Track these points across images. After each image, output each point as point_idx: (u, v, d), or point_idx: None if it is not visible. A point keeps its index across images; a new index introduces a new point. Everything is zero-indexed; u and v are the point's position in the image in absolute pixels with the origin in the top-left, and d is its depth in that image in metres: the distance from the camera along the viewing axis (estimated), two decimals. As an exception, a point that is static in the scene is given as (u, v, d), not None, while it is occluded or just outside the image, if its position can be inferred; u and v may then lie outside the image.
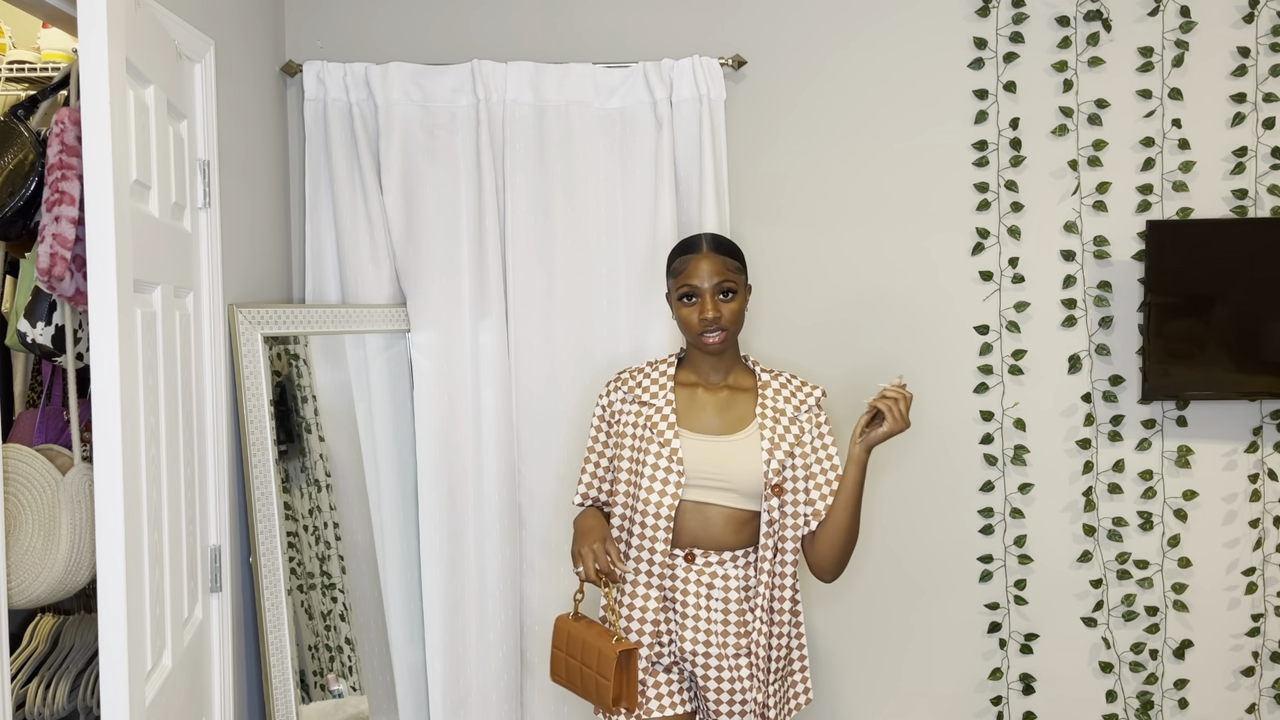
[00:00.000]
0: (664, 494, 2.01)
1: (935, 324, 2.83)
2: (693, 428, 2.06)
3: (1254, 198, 2.77)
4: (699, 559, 2.03)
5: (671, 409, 2.05)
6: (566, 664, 1.99)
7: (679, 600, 2.04)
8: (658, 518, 2.01)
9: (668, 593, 2.04)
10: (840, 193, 2.83)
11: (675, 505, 2.01)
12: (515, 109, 2.70)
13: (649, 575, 2.03)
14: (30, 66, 2.50)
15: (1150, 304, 2.71)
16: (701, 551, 2.04)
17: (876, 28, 2.80)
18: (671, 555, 2.04)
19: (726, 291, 2.03)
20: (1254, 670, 2.84)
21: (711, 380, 2.10)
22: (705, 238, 2.07)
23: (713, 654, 2.03)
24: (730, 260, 2.05)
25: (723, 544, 2.04)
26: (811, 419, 2.09)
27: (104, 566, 1.48)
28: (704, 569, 2.03)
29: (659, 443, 2.03)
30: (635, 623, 2.05)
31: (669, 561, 2.03)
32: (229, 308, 2.32)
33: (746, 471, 2.01)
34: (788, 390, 2.10)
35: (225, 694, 2.15)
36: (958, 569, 2.86)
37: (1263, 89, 2.77)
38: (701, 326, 2.02)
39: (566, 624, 2.01)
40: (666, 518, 2.01)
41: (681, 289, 2.04)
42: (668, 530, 2.01)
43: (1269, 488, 2.82)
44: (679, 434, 2.04)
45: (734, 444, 2.04)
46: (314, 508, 2.55)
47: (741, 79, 2.81)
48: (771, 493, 2.01)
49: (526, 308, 2.72)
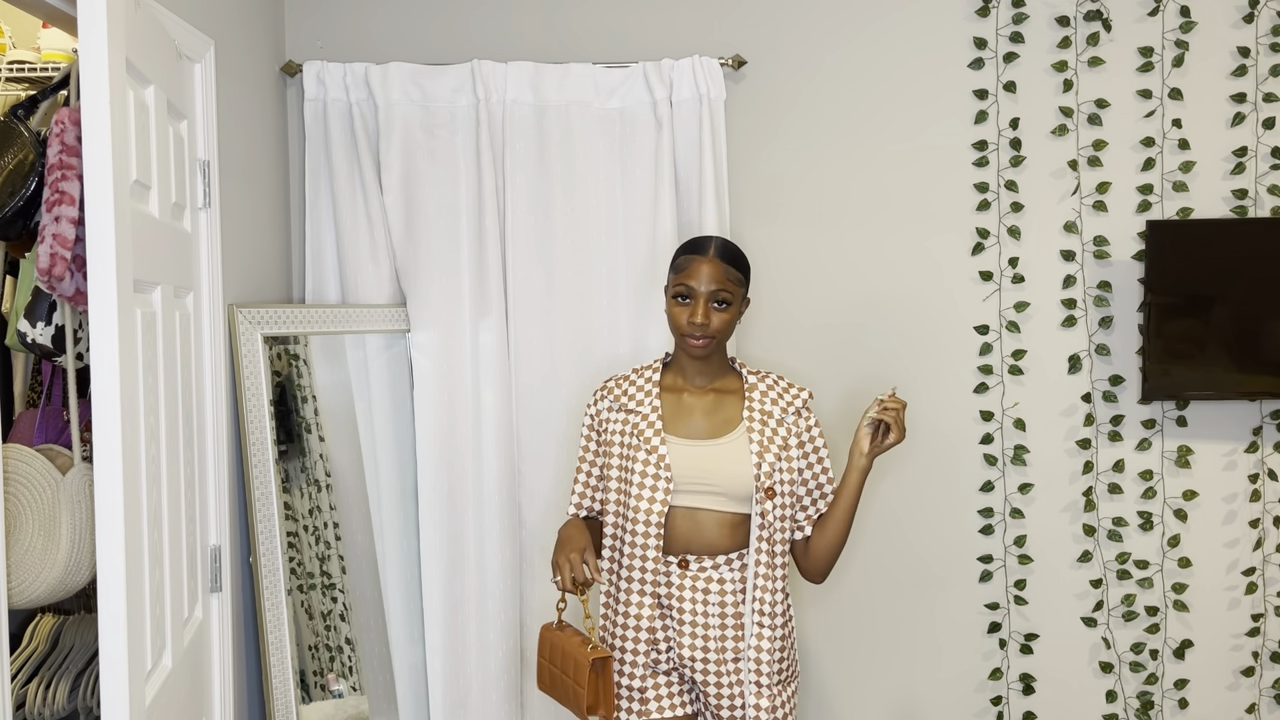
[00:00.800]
0: (653, 500, 2.00)
1: (935, 324, 2.83)
2: (679, 433, 2.05)
3: (1254, 198, 2.77)
4: (693, 565, 2.03)
5: (657, 415, 2.05)
6: (550, 672, 2.01)
7: (675, 607, 2.03)
8: (648, 524, 2.00)
9: (663, 600, 2.04)
10: (840, 193, 2.83)
11: (665, 511, 2.00)
12: (515, 109, 2.70)
13: (642, 583, 2.03)
14: (30, 66, 2.50)
15: (1150, 304, 2.71)
16: (695, 557, 2.03)
17: (876, 27, 2.80)
18: (665, 562, 2.03)
19: (722, 301, 2.01)
20: (1254, 670, 2.84)
21: (697, 383, 2.09)
22: (715, 242, 2.05)
23: (711, 658, 2.02)
24: (733, 270, 2.03)
25: (715, 548, 2.03)
26: (799, 421, 2.08)
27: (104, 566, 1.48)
28: (698, 574, 2.03)
29: (646, 450, 2.02)
30: (630, 630, 2.04)
31: (662, 568, 2.03)
32: (229, 308, 2.32)
33: (735, 474, 2.01)
34: (774, 392, 2.09)
35: (225, 694, 2.15)
36: (957, 569, 2.86)
37: (1263, 89, 2.77)
38: (689, 329, 2.01)
39: (549, 633, 2.02)
40: (657, 524, 2.00)
41: (678, 286, 2.03)
42: (659, 537, 2.00)
43: (1269, 488, 2.82)
44: (666, 440, 2.03)
45: (721, 447, 2.03)
46: (314, 508, 2.55)
47: (741, 79, 2.81)
48: (764, 495, 2.00)
49: (526, 308, 2.72)
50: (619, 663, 2.04)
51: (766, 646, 2.01)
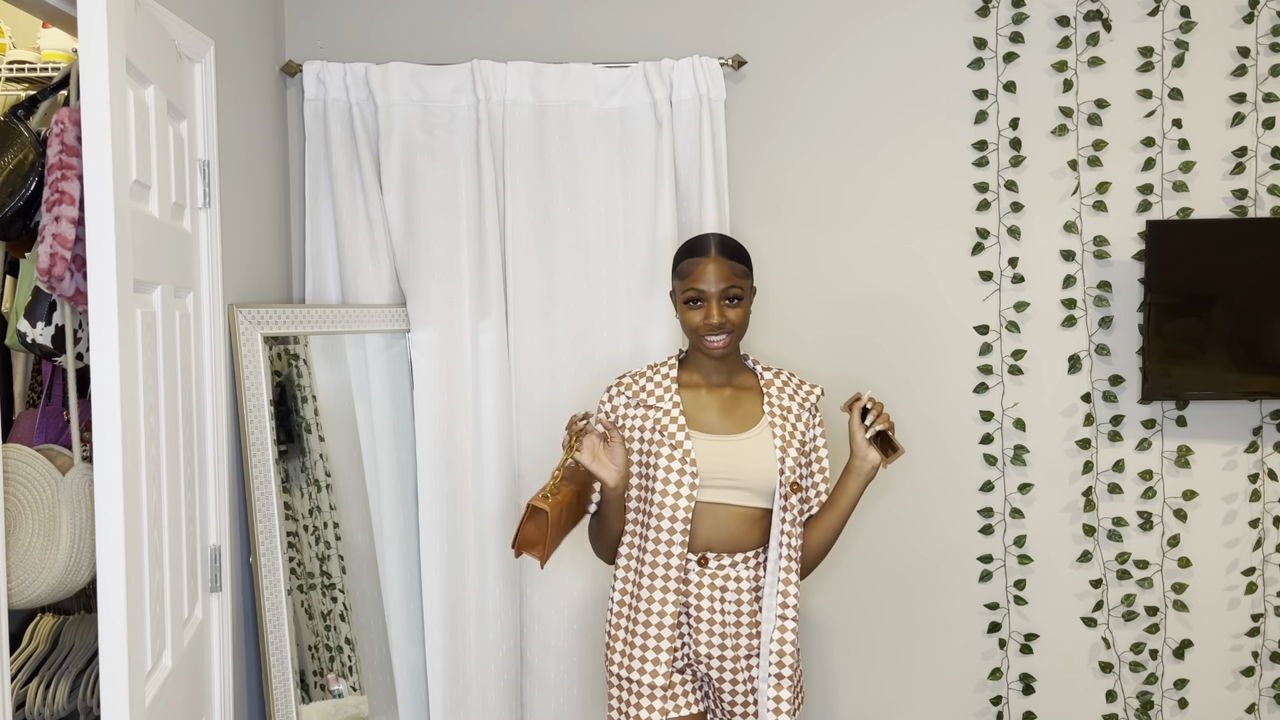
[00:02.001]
0: (679, 496, 2.00)
1: (935, 324, 2.83)
2: (700, 428, 2.06)
3: (1254, 198, 2.77)
4: (712, 562, 2.03)
5: (679, 410, 2.04)
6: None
7: (692, 605, 2.03)
8: (674, 520, 1.99)
9: (682, 597, 2.04)
10: (840, 193, 2.83)
11: (691, 507, 1.99)
12: (515, 109, 2.70)
13: (666, 579, 2.01)
14: (30, 66, 2.50)
15: (1150, 304, 2.71)
16: (714, 555, 2.03)
17: (877, 27, 2.80)
18: (686, 559, 2.03)
19: (733, 298, 2.02)
20: (1254, 670, 2.84)
21: (714, 380, 2.10)
22: (713, 240, 2.05)
23: (727, 656, 2.03)
24: (737, 265, 2.03)
25: (735, 545, 2.03)
26: (810, 418, 2.10)
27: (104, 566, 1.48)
28: (716, 572, 2.03)
29: (670, 445, 2.01)
30: (654, 627, 2.02)
31: (685, 565, 2.03)
32: (229, 308, 2.32)
33: (759, 470, 2.01)
34: (789, 388, 2.11)
35: (225, 694, 2.15)
36: (957, 569, 2.86)
37: (1263, 89, 2.77)
38: (707, 331, 2.01)
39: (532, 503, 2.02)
40: (684, 519, 1.99)
41: (687, 292, 2.02)
42: (684, 533, 2.00)
43: (1269, 488, 2.82)
44: (690, 435, 2.03)
45: (744, 443, 2.03)
46: (314, 508, 2.55)
47: (741, 79, 2.81)
48: (789, 489, 2.01)
49: (526, 308, 2.72)
50: (641, 660, 2.03)
51: (790, 639, 2.00)
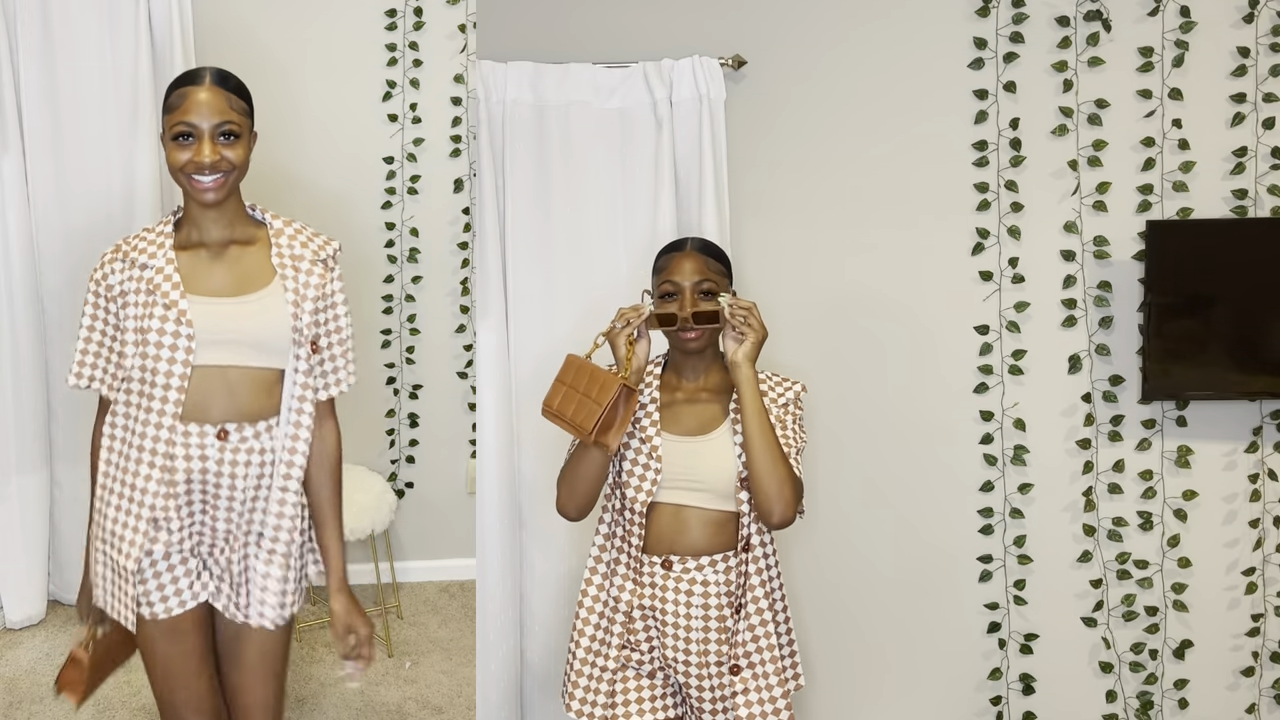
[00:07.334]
0: (640, 489, 1.98)
1: (935, 324, 2.83)
2: (671, 429, 2.03)
3: (1254, 198, 2.77)
4: (676, 565, 2.00)
5: (656, 407, 2.04)
6: (564, 394, 1.98)
7: (658, 609, 2.00)
8: (633, 511, 1.99)
9: (645, 600, 2.01)
10: (840, 192, 2.83)
11: (647, 503, 1.98)
12: (515, 109, 2.70)
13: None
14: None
15: (1150, 304, 2.71)
16: (679, 557, 2.00)
17: (876, 27, 2.80)
18: (650, 563, 2.01)
19: (707, 292, 2.00)
20: (1254, 670, 2.84)
21: (690, 380, 2.08)
22: (690, 239, 2.06)
23: (693, 662, 1.99)
24: (714, 262, 2.03)
25: (699, 548, 1.99)
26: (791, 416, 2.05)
27: None
28: (682, 575, 1.99)
29: (640, 439, 2.01)
30: (605, 619, 2.02)
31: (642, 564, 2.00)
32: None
33: (719, 471, 1.98)
34: (767, 386, 2.06)
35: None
36: (957, 569, 2.86)
37: (1263, 89, 2.76)
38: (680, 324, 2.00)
39: (578, 360, 2.00)
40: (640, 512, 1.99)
41: (663, 285, 2.01)
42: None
43: (1269, 488, 2.82)
44: (661, 434, 2.01)
45: (706, 444, 2.01)
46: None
47: (741, 79, 2.81)
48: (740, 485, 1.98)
49: (526, 308, 2.72)
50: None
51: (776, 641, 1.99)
